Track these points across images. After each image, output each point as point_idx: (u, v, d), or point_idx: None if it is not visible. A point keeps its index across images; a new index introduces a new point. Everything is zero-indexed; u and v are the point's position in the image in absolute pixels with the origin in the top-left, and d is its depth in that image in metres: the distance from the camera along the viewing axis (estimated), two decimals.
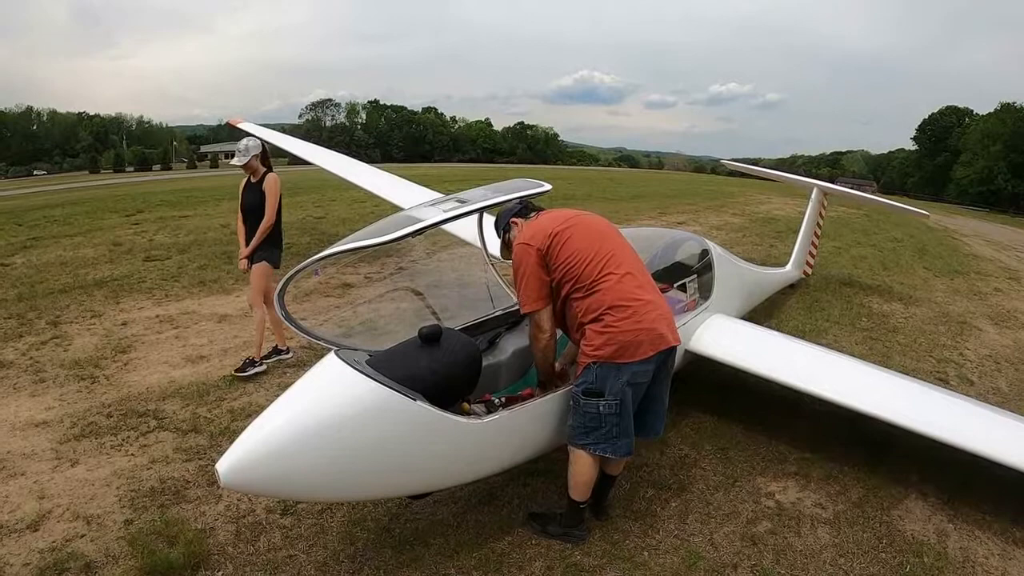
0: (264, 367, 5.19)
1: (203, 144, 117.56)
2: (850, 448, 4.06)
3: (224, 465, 2.39)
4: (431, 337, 2.75)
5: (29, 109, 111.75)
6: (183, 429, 4.48)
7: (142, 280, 8.75)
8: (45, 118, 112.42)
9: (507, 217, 3.18)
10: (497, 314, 3.71)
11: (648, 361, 2.78)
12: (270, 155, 5.15)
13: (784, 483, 3.73)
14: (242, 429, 2.55)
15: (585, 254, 2.82)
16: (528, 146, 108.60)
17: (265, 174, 5.06)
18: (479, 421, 2.79)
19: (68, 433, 4.43)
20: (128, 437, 4.38)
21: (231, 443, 2.49)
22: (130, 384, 5.26)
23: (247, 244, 5.04)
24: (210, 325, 6.75)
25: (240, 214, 5.10)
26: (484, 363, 3.21)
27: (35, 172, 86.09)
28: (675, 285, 4.37)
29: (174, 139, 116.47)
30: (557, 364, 3.18)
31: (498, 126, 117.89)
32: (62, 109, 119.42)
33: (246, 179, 5.09)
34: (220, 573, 3.05)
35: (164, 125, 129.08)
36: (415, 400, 2.51)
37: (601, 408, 2.77)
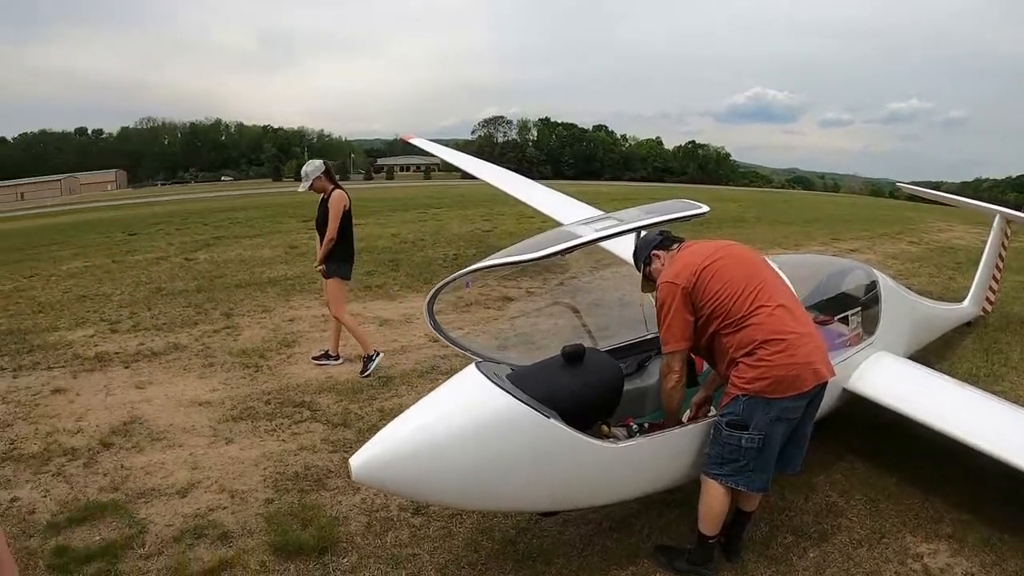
0: (380, 356, 6.96)
1: (379, 157, 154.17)
2: (1015, 514, 4.36)
3: (357, 460, 3.21)
4: (573, 356, 3.47)
5: (218, 121, 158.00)
6: (333, 422, 5.73)
7: (312, 281, 11.28)
8: (233, 130, 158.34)
9: (647, 250, 3.89)
10: (649, 337, 4.55)
11: (801, 397, 3.38)
12: (334, 174, 7.08)
13: (935, 545, 4.14)
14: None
15: (734, 288, 3.44)
16: (700, 166, 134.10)
17: (332, 191, 6.80)
18: (615, 445, 3.42)
19: (227, 414, 6.07)
20: (281, 424, 5.80)
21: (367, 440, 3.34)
22: (290, 376, 6.95)
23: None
24: (372, 328, 8.55)
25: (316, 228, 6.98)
26: (629, 387, 3.82)
27: (223, 178, 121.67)
28: (837, 317, 5.15)
29: (352, 152, 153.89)
30: (696, 396, 3.99)
31: (669, 145, 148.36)
32: (248, 122, 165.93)
33: (321, 196, 6.90)
34: (345, 560, 3.94)
35: (343, 138, 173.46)
36: (549, 418, 3.21)
37: (743, 441, 3.37)
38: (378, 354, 6.94)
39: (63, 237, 24.97)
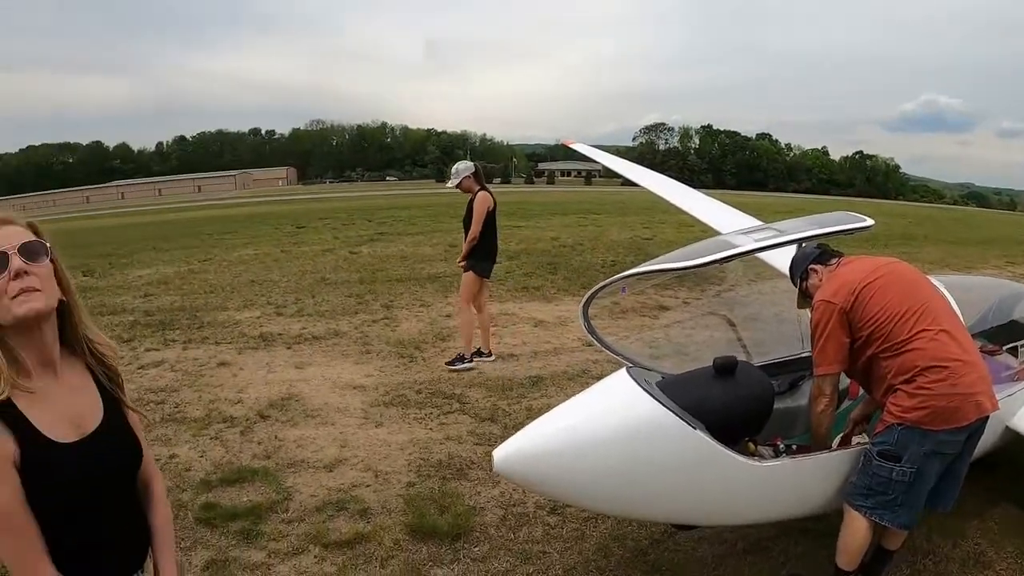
0: (473, 364, 7.47)
1: (540, 162, 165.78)
2: None
3: (501, 453, 3.49)
4: (725, 368, 3.63)
5: (384, 124, 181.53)
6: (481, 416, 6.13)
7: None
8: (398, 133, 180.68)
9: (804, 263, 3.96)
10: (804, 355, 4.49)
11: (960, 431, 3.36)
12: (483, 176, 7.82)
13: None
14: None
15: (896, 309, 3.47)
16: (867, 178, 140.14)
17: (477, 192, 7.52)
18: (759, 464, 3.51)
19: (379, 399, 6.67)
20: (431, 413, 6.29)
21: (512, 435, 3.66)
22: (443, 369, 7.50)
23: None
24: (526, 328, 9.14)
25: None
26: (780, 405, 3.85)
27: (387, 178, 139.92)
28: (1006, 348, 4.97)
29: (514, 156, 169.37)
30: (854, 412, 4.07)
31: (835, 155, 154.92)
32: (413, 126, 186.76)
33: (469, 197, 7.65)
34: (477, 549, 4.25)
35: (505, 143, 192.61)
36: (695, 429, 3.36)
37: (894, 474, 3.37)
38: (471, 361, 7.51)
39: (236, 227, 28.09)
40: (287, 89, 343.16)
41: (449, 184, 7.75)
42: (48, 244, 1.69)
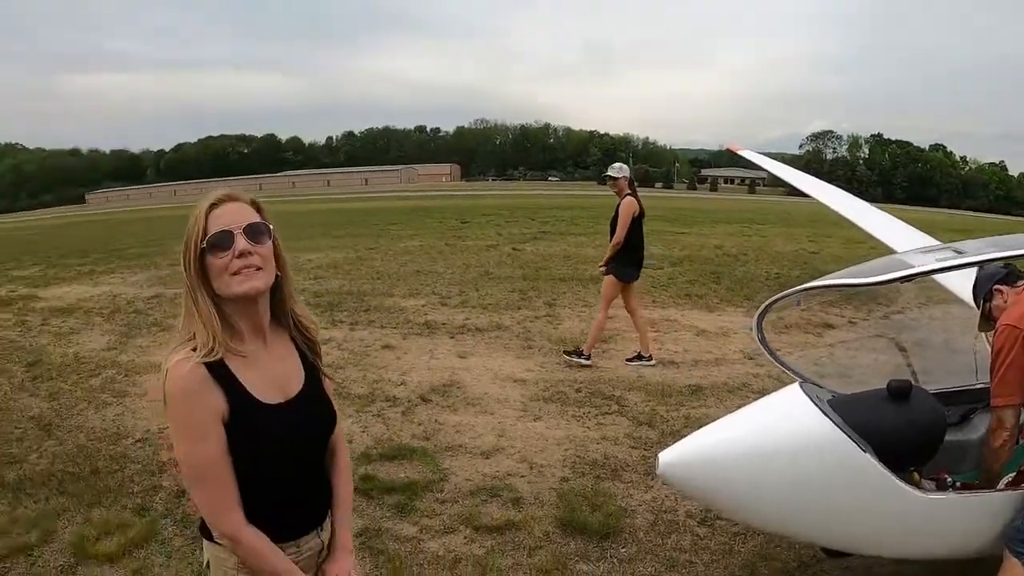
0: (589, 362, 7.71)
1: (703, 168, 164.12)
2: None
3: (667, 456, 3.57)
4: (899, 393, 3.54)
5: (547, 125, 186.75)
6: (639, 420, 6.19)
7: None
8: (561, 133, 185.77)
9: (989, 283, 3.82)
10: (978, 387, 4.32)
11: None
12: (634, 183, 8.07)
13: None
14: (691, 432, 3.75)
15: None
16: None
17: (625, 197, 7.80)
18: (923, 496, 3.36)
19: (539, 394, 6.88)
20: (589, 412, 6.42)
21: (679, 440, 3.72)
22: (603, 369, 7.64)
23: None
24: (687, 336, 9.12)
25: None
26: (950, 438, 3.65)
27: (549, 178, 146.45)
28: None
29: (676, 160, 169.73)
30: None
31: (1014, 170, 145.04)
32: (576, 127, 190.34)
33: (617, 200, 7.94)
34: (624, 550, 4.32)
35: (668, 147, 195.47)
36: (864, 451, 3.29)
37: None
38: (589, 359, 7.70)
39: (401, 219, 29.48)
40: (452, 89, 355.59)
41: (611, 174, 7.97)
42: (271, 225, 1.88)
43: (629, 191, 7.87)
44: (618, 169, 7.93)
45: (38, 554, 4.33)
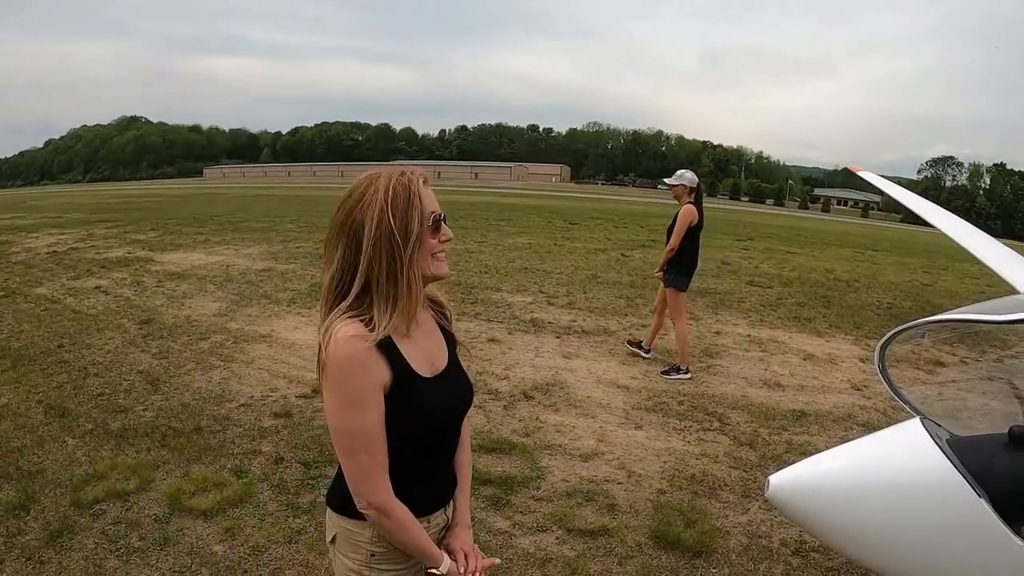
0: (690, 375, 7.73)
1: (816, 187, 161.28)
2: None
3: (777, 478, 3.54)
4: (1022, 440, 3.34)
5: (660, 132, 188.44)
6: (740, 440, 6.12)
7: (741, 300, 12.47)
8: (673, 142, 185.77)
9: None
10: None
11: None
12: (700, 190, 8.04)
13: None
14: (793, 460, 3.69)
15: None
16: None
17: (684, 204, 7.86)
18: None
19: (642, 403, 6.87)
20: (690, 427, 6.39)
21: (780, 468, 3.65)
22: (708, 384, 7.56)
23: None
24: (795, 359, 8.89)
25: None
26: None
27: (659, 186, 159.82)
28: None
29: (789, 177, 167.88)
30: None
31: None
32: (689, 136, 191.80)
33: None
34: (715, 570, 4.29)
35: (781, 163, 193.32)
36: (980, 498, 3.18)
37: None
38: (688, 372, 7.76)
39: (511, 215, 29.79)
40: (567, 90, 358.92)
41: (667, 181, 8.20)
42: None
43: (690, 199, 7.88)
44: (678, 176, 7.97)
45: (134, 500, 4.60)
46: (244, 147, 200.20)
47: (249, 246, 17.08)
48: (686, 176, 8.03)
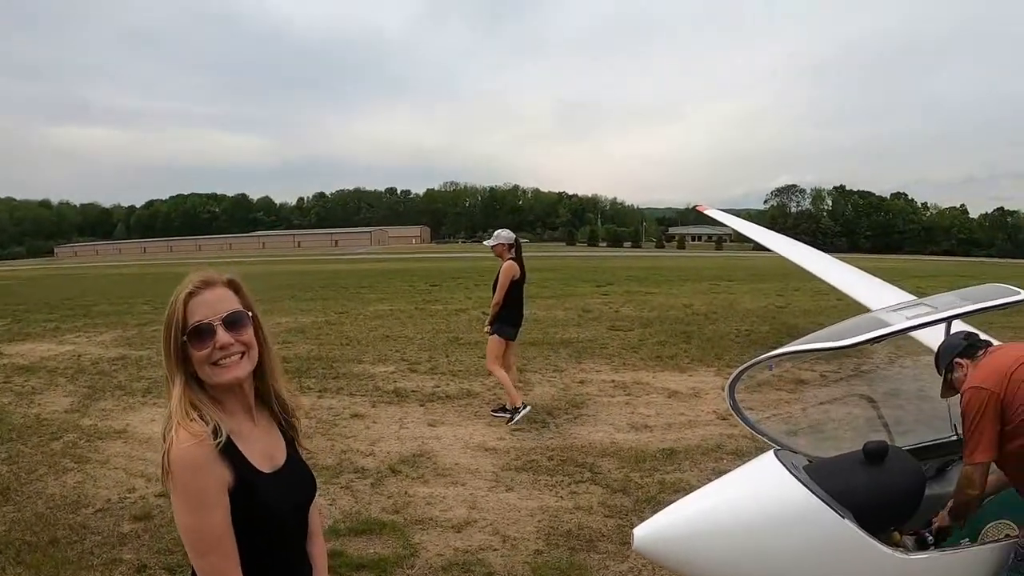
0: (527, 409, 8.02)
1: (671, 226, 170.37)
2: None
3: (642, 530, 3.53)
4: (875, 454, 3.60)
5: (516, 187, 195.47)
6: (613, 487, 6.12)
7: (604, 346, 12.73)
8: (529, 195, 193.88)
9: (949, 356, 3.95)
10: (954, 439, 4.44)
11: None
12: (519, 247, 8.48)
13: None
14: (667, 501, 3.72)
15: None
16: (1008, 236, 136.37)
17: (507, 261, 8.25)
18: (905, 556, 3.38)
19: (511, 463, 6.78)
20: (562, 481, 6.33)
21: (654, 511, 3.67)
22: (575, 436, 7.55)
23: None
24: (660, 398, 9.11)
25: None
26: (928, 492, 3.69)
27: (485, 243, 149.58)
28: None
29: (644, 219, 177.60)
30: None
31: (974, 212, 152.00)
32: (544, 188, 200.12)
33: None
34: None
35: (635, 206, 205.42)
36: (843, 517, 3.34)
37: None
38: (525, 406, 8.04)
39: (371, 282, 29.56)
40: (424, 151, 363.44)
41: (486, 243, 8.64)
42: (251, 312, 1.93)
43: (511, 255, 8.30)
44: (495, 237, 8.46)
45: None
46: (97, 222, 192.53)
47: (102, 332, 16.18)
48: (503, 235, 8.42)
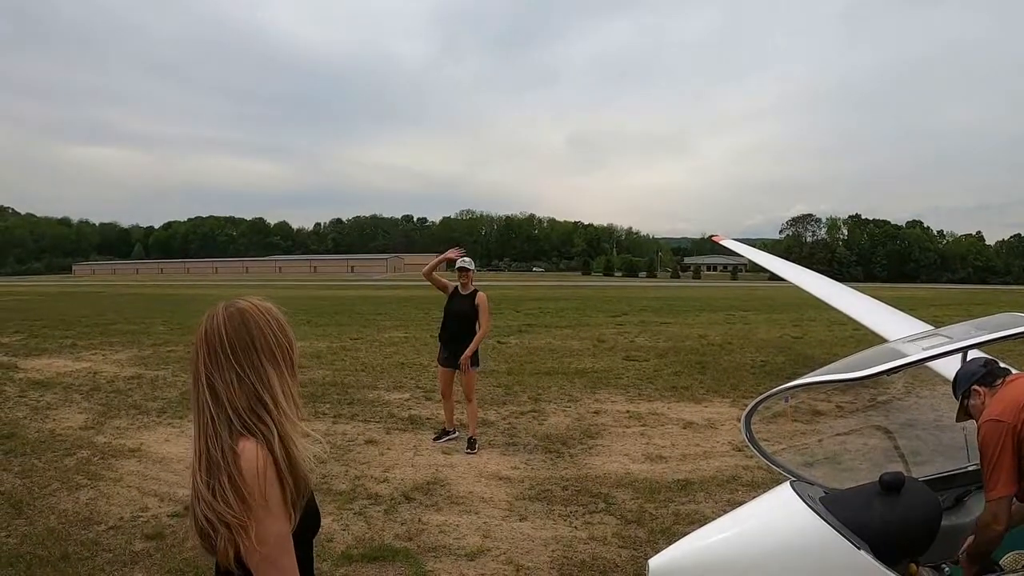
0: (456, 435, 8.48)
1: (686, 256, 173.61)
2: None
3: (656, 561, 3.55)
4: (892, 486, 3.59)
5: (531, 216, 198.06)
6: (627, 518, 6.09)
7: (619, 376, 12.80)
8: (545, 224, 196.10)
9: (967, 383, 3.93)
10: (971, 469, 4.40)
11: None
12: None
13: None
14: (681, 533, 3.72)
15: None
16: None
17: (476, 291, 8.35)
18: None
19: (525, 492, 6.76)
20: (576, 511, 6.31)
21: (669, 543, 3.68)
22: (590, 466, 7.53)
23: (454, 345, 8.31)
24: (675, 429, 9.12)
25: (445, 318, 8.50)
26: (945, 523, 3.68)
27: (534, 269, 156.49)
28: None
29: (659, 249, 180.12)
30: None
31: (991, 239, 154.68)
32: (560, 218, 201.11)
33: (456, 287, 8.43)
34: None
35: (651, 236, 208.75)
36: (859, 549, 3.34)
37: None
38: (455, 432, 8.47)
39: (387, 309, 29.70)
40: (439, 179, 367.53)
41: (466, 264, 8.39)
42: None
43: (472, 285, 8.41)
44: (469, 263, 8.40)
45: None
46: (115, 242, 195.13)
47: (118, 351, 16.33)
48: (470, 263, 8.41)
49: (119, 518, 6.06)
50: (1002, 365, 3.94)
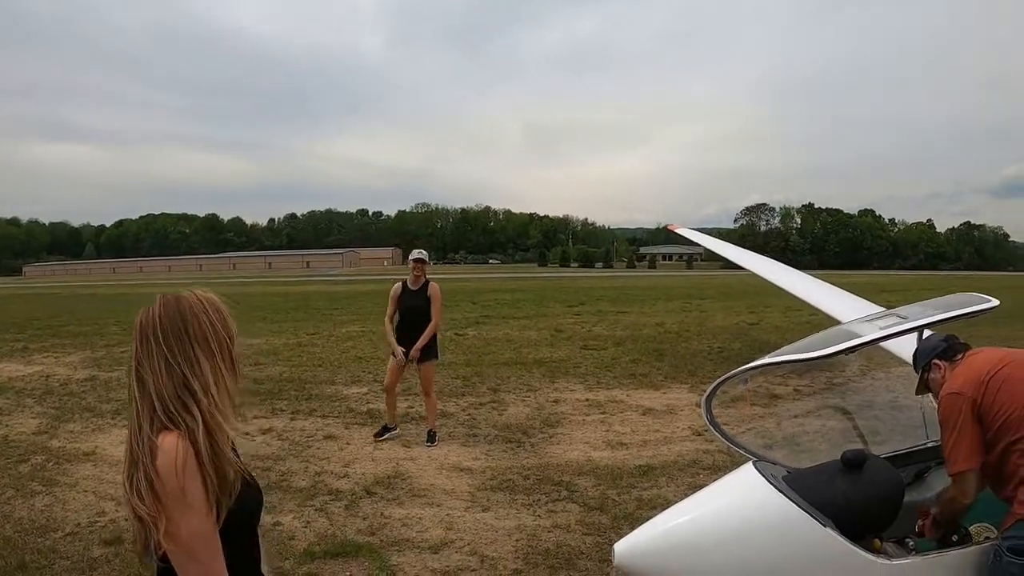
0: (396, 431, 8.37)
1: (642, 246, 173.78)
2: None
3: (622, 546, 3.53)
4: (854, 463, 3.62)
5: (487, 208, 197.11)
6: (590, 505, 6.10)
7: (577, 365, 12.90)
8: (501, 216, 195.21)
9: (928, 357, 3.95)
10: (930, 445, 4.48)
11: None
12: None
13: None
14: (645, 517, 3.72)
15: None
16: (975, 250, 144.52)
17: (428, 283, 8.38)
18: (887, 562, 3.40)
19: (487, 483, 6.73)
20: (539, 500, 6.31)
21: (633, 527, 3.67)
22: (551, 455, 7.53)
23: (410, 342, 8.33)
24: (634, 416, 9.18)
25: (396, 313, 8.52)
26: (907, 499, 3.74)
27: (490, 261, 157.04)
28: None
29: (615, 240, 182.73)
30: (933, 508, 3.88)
31: (941, 227, 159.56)
32: (516, 210, 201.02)
33: (403, 284, 8.44)
34: None
35: (606, 227, 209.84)
36: (824, 526, 3.36)
37: None
38: (395, 427, 8.36)
39: (343, 304, 29.48)
40: (394, 172, 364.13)
41: (421, 255, 8.51)
42: None
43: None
44: (424, 256, 8.51)
45: None
46: (66, 241, 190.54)
47: (70, 353, 15.97)
48: (426, 256, 8.50)
49: (76, 524, 5.91)
50: (962, 341, 3.99)
